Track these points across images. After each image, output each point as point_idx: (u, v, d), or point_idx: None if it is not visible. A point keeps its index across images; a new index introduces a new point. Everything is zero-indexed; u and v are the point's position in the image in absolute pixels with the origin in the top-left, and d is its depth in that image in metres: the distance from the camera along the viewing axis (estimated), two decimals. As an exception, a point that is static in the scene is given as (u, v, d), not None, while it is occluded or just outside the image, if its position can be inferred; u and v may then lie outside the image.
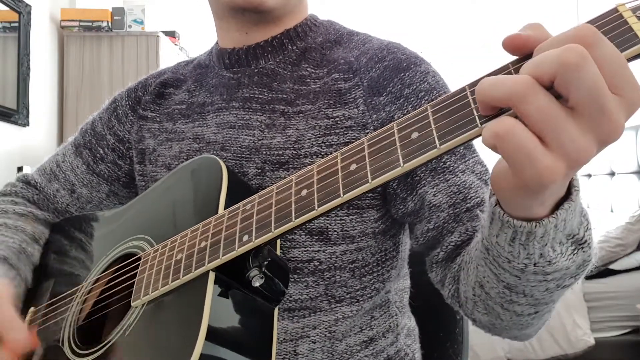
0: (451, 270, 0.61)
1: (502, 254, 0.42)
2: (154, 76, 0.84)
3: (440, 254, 0.62)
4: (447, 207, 0.61)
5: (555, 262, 0.41)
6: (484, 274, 0.48)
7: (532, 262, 0.41)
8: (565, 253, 0.41)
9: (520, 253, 0.41)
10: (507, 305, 0.49)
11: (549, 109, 0.31)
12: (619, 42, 0.31)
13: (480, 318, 0.56)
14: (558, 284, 0.45)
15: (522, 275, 0.43)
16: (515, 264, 0.42)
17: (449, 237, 0.61)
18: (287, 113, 0.67)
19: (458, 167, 0.62)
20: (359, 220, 0.65)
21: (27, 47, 2.63)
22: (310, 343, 0.66)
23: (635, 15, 0.31)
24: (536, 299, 0.47)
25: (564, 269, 0.42)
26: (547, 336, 2.40)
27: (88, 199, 0.84)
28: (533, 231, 0.38)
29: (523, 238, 0.39)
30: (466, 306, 0.57)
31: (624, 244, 2.57)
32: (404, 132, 0.38)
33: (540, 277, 0.43)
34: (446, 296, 0.63)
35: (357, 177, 0.39)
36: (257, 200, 0.48)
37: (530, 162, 0.31)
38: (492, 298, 0.50)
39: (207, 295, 0.46)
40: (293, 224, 0.43)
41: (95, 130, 0.84)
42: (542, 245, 0.39)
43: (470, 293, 0.54)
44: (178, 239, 0.54)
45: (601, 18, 0.33)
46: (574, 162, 0.31)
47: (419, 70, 0.66)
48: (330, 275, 0.65)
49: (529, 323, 0.52)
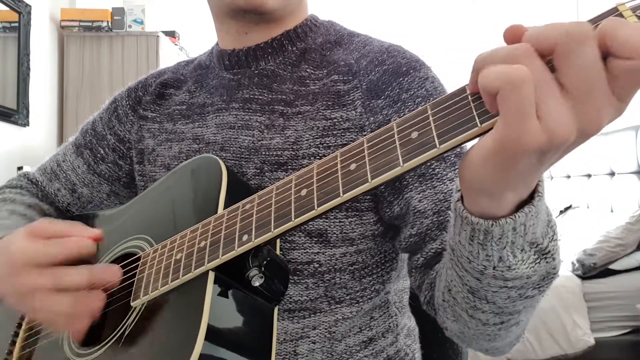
0: (429, 276, 0.61)
1: (464, 253, 0.43)
2: (154, 76, 0.84)
3: (420, 259, 0.62)
4: (431, 214, 0.60)
5: (515, 268, 0.41)
6: (451, 277, 0.49)
7: (491, 264, 0.42)
8: (527, 261, 0.41)
9: (479, 253, 0.41)
10: (472, 311, 0.49)
11: (542, 75, 0.31)
12: None
13: (451, 326, 0.56)
14: (520, 293, 0.45)
15: (482, 277, 0.44)
16: (475, 264, 0.43)
17: (431, 244, 0.61)
18: (286, 114, 0.67)
19: (446, 175, 0.62)
20: (358, 222, 0.65)
21: (27, 47, 2.63)
22: (310, 343, 0.66)
23: (636, 15, 0.32)
24: (499, 307, 0.47)
25: (525, 277, 0.42)
26: (547, 336, 2.40)
27: (89, 199, 0.84)
28: (490, 230, 0.39)
29: (481, 237, 0.40)
30: (439, 313, 0.58)
31: (624, 244, 2.57)
32: (403, 132, 0.38)
33: (500, 282, 0.43)
34: (422, 302, 0.63)
35: (357, 176, 0.39)
36: (256, 200, 0.48)
37: (521, 119, 0.31)
38: (458, 303, 0.50)
39: (206, 295, 0.46)
40: (293, 223, 0.43)
41: (96, 130, 0.84)
42: (501, 247, 0.40)
43: (440, 299, 0.54)
44: (178, 239, 0.54)
45: (601, 17, 0.33)
46: (552, 136, 0.31)
47: (418, 75, 0.66)
48: (330, 277, 0.65)
49: (495, 334, 0.52)
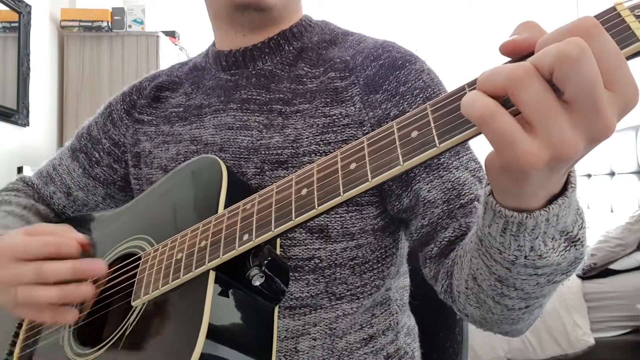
0: (444, 265, 0.61)
1: (494, 244, 0.42)
2: (148, 79, 0.84)
3: (434, 249, 0.62)
4: (441, 203, 0.61)
5: (546, 256, 0.41)
6: (477, 265, 0.49)
7: (522, 254, 0.41)
8: (557, 249, 0.42)
9: (511, 244, 0.41)
10: (499, 298, 0.49)
11: (543, 97, 0.31)
12: (617, 41, 0.31)
13: (472, 312, 0.56)
14: (549, 279, 0.45)
15: (512, 267, 0.43)
16: (506, 255, 0.42)
17: (443, 233, 0.61)
18: (284, 113, 0.67)
19: (452, 164, 0.63)
20: (358, 217, 0.65)
21: (27, 47, 2.63)
22: (311, 340, 0.66)
23: (634, 14, 0.32)
24: (527, 293, 0.47)
25: (555, 265, 0.43)
26: (547, 336, 2.40)
27: (84, 202, 0.85)
28: (524, 222, 0.38)
29: (514, 229, 0.39)
30: (459, 300, 0.58)
31: (624, 244, 2.57)
32: (403, 131, 0.38)
33: (530, 270, 0.43)
34: (439, 292, 0.63)
35: (357, 175, 0.39)
36: (257, 199, 0.48)
37: (509, 145, 0.31)
38: (484, 291, 0.50)
39: (207, 294, 0.46)
40: (293, 222, 0.43)
41: (91, 134, 0.84)
42: (533, 238, 0.40)
43: (463, 286, 0.54)
44: (178, 239, 0.54)
45: (599, 17, 0.33)
46: (558, 154, 0.31)
47: (414, 68, 0.67)
48: (330, 273, 0.66)
49: (519, 318, 0.52)
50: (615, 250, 2.56)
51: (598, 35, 0.31)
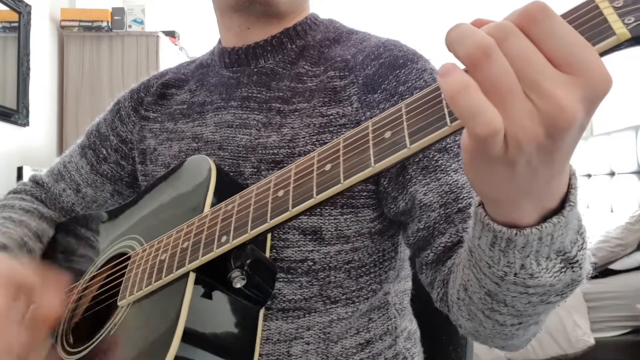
0: (441, 273, 0.59)
1: (483, 258, 0.41)
2: (156, 77, 0.85)
3: (430, 255, 0.60)
4: (438, 206, 0.59)
5: (537, 276, 0.39)
6: (468, 277, 0.47)
7: (512, 271, 0.39)
8: (552, 270, 0.39)
9: (500, 259, 0.39)
10: (489, 313, 0.48)
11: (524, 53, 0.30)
12: (593, 35, 0.30)
13: (465, 324, 0.54)
14: (542, 299, 0.43)
15: (501, 283, 0.41)
16: (495, 270, 0.40)
17: (440, 239, 0.59)
18: (283, 111, 0.67)
19: (450, 166, 0.60)
20: (353, 219, 0.64)
21: (27, 47, 2.63)
22: (304, 344, 0.65)
23: (612, 6, 0.30)
24: (518, 311, 0.45)
25: (548, 285, 0.40)
26: (547, 336, 2.39)
27: (93, 199, 0.86)
28: (513, 239, 0.36)
29: (503, 244, 0.37)
30: (452, 311, 0.56)
31: (624, 244, 2.56)
32: (377, 132, 0.37)
33: (520, 288, 0.41)
34: (435, 300, 0.61)
35: (330, 177, 0.39)
36: (237, 200, 0.48)
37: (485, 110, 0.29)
38: (474, 303, 0.48)
39: (185, 296, 0.46)
40: (268, 225, 0.42)
41: (100, 131, 0.85)
42: (524, 256, 0.38)
43: (455, 296, 0.52)
44: (164, 239, 0.54)
45: (577, 9, 0.31)
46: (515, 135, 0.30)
47: (416, 67, 0.65)
48: (324, 276, 0.64)
49: (513, 334, 0.50)
50: (615, 250, 2.55)
51: (545, 19, 0.29)
